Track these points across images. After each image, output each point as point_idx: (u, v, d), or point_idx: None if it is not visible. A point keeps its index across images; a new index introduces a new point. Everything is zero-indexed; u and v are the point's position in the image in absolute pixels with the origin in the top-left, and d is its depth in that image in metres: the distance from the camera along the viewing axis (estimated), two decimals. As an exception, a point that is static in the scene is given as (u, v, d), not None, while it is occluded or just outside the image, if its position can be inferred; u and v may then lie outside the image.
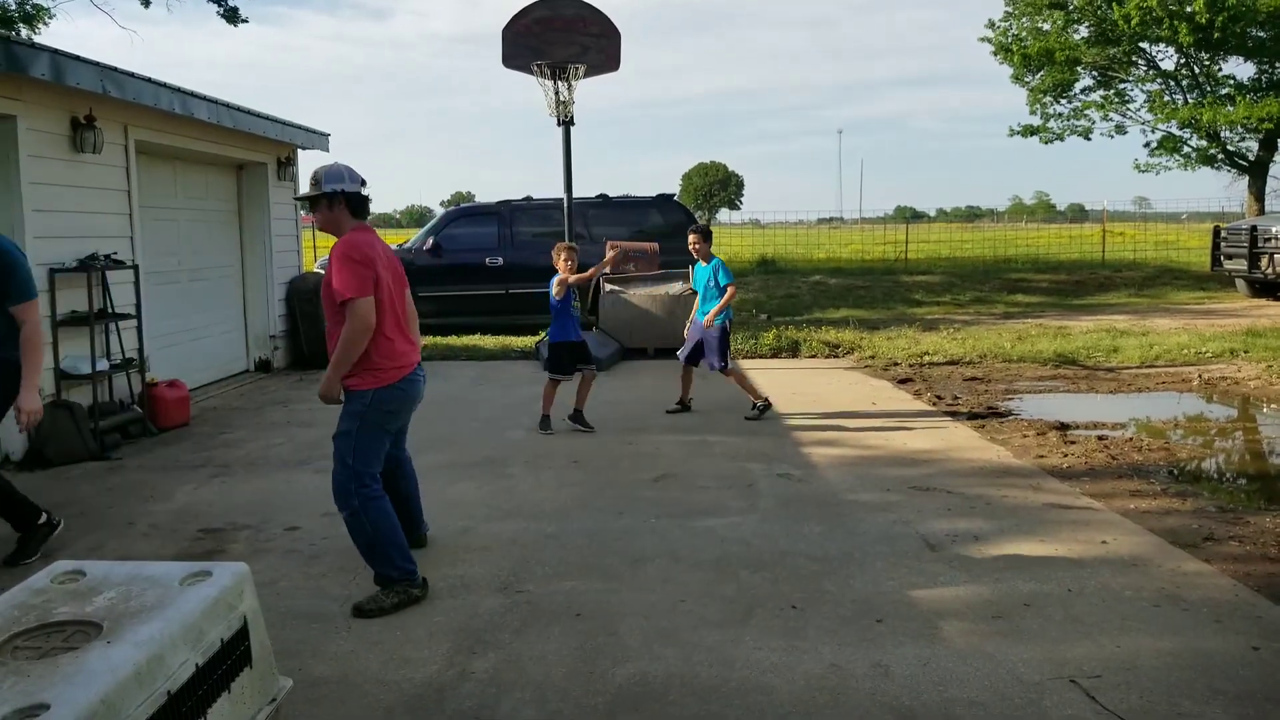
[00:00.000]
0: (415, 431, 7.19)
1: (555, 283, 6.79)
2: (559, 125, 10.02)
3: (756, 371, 9.29)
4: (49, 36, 23.86)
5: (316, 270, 12.32)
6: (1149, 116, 22.98)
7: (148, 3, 17.16)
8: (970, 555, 4.30)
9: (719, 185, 71.48)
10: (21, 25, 17.11)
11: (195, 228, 9.09)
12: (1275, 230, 14.99)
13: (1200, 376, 8.84)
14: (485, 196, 62.68)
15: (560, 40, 9.76)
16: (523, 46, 9.79)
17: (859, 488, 5.41)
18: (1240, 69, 44.42)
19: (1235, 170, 22.97)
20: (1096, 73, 23.35)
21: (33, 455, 6.22)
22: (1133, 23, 20.06)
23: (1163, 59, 22.70)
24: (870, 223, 50.62)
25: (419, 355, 4.15)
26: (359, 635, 3.59)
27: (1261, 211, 21.19)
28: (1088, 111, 23.64)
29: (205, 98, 8.12)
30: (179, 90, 7.68)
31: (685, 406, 7.68)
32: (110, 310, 6.96)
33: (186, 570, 2.48)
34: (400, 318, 4.00)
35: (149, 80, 7.26)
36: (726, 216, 67.81)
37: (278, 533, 4.79)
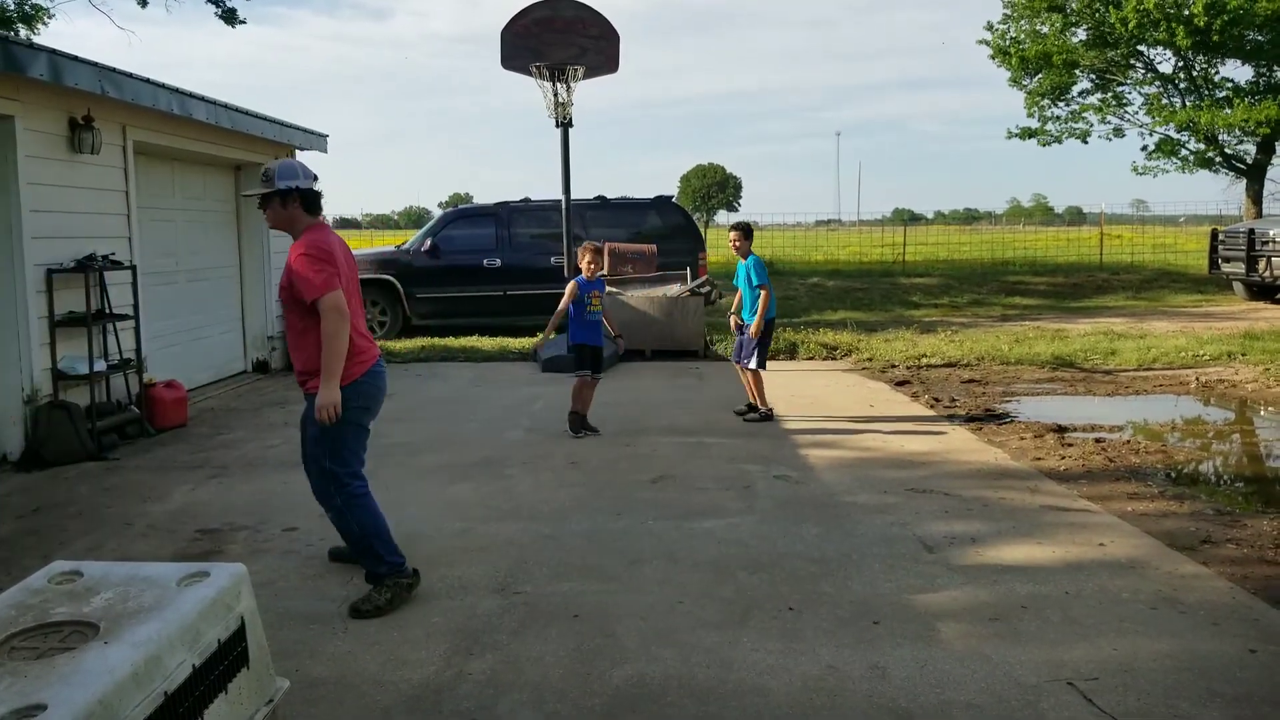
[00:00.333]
0: (413, 432, 7.25)
1: (568, 290, 6.94)
2: (557, 126, 10.03)
3: (754, 373, 9.30)
4: (48, 37, 23.87)
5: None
6: (1147, 119, 23.01)
7: (145, 3, 17.19)
8: (968, 557, 4.31)
9: (717, 187, 71.48)
10: (20, 25, 17.12)
11: (193, 228, 9.09)
12: (1273, 233, 15.01)
13: (1198, 379, 8.86)
14: (484, 197, 62.77)
15: (559, 42, 9.77)
16: (522, 48, 9.80)
17: (856, 490, 5.41)
18: (1238, 72, 44.56)
19: (1233, 173, 22.99)
20: (1094, 75, 23.38)
21: (30, 455, 6.22)
22: (1130, 25, 20.09)
23: (1161, 62, 22.75)
24: (868, 225, 50.69)
25: (378, 349, 4.12)
26: (356, 636, 3.59)
27: (1259, 214, 21.19)
28: (1085, 114, 23.65)
29: (203, 98, 8.11)
30: (177, 91, 7.67)
31: (753, 406, 7.43)
32: (108, 311, 6.95)
33: (184, 571, 2.48)
34: (359, 314, 3.97)
35: (147, 81, 7.25)
36: (724, 218, 67.76)
37: (275, 533, 4.79)
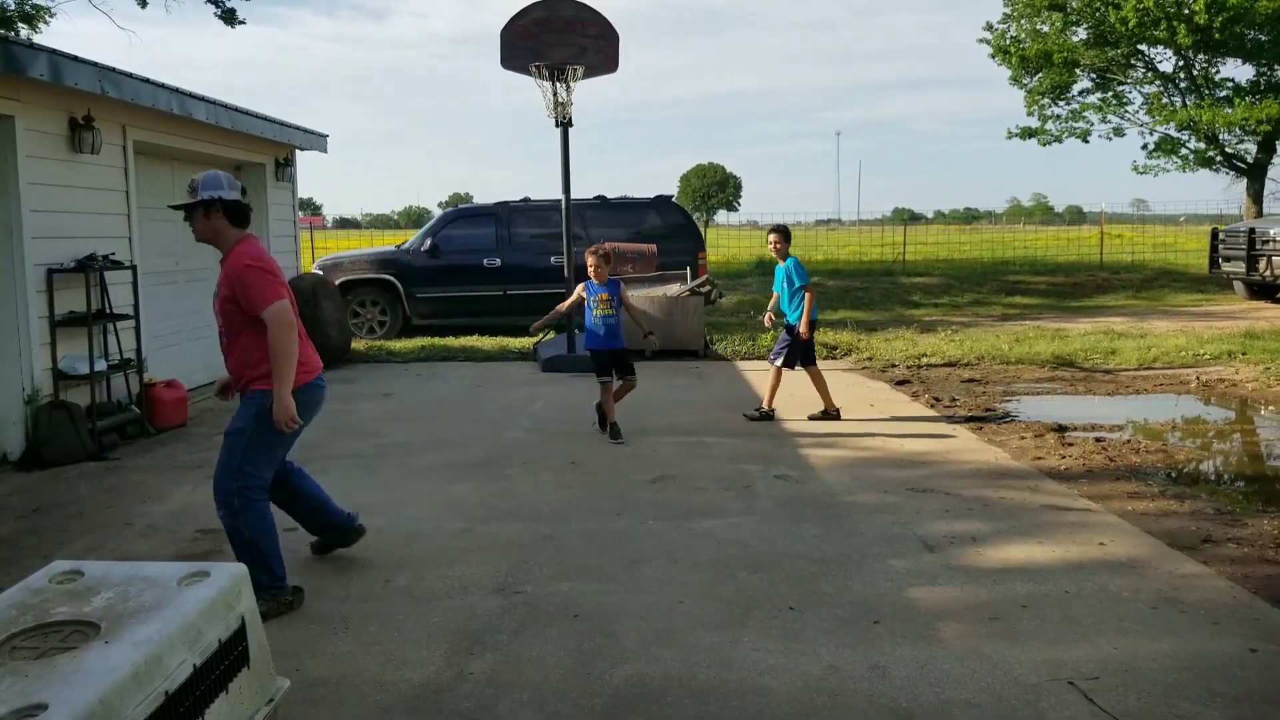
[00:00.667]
0: (413, 432, 7.24)
1: (574, 293, 6.96)
2: (557, 126, 10.01)
3: (756, 372, 9.30)
4: (48, 37, 23.85)
5: (315, 271, 12.31)
6: (1147, 118, 23.01)
7: (145, 3, 17.18)
8: (968, 557, 4.31)
9: (717, 187, 71.38)
10: (21, 25, 17.13)
11: (193, 228, 9.08)
12: (1273, 232, 15.01)
13: (1198, 379, 8.85)
14: (484, 197, 62.74)
15: (558, 41, 9.74)
16: (521, 48, 9.78)
17: (857, 489, 5.41)
18: (1239, 71, 44.51)
19: (1233, 172, 22.98)
20: (1095, 75, 23.37)
21: (31, 455, 6.23)
22: (1130, 24, 20.08)
23: (1161, 61, 22.74)
24: (868, 224, 50.65)
25: (321, 363, 4.08)
26: (356, 636, 3.59)
27: (1260, 214, 21.19)
28: (1086, 113, 23.65)
29: (203, 98, 8.11)
30: (177, 91, 7.67)
31: (827, 412, 7.29)
32: (108, 311, 6.95)
33: (184, 570, 2.48)
34: (301, 324, 3.93)
35: (147, 81, 7.25)
36: (724, 218, 67.71)
37: (275, 533, 4.78)
